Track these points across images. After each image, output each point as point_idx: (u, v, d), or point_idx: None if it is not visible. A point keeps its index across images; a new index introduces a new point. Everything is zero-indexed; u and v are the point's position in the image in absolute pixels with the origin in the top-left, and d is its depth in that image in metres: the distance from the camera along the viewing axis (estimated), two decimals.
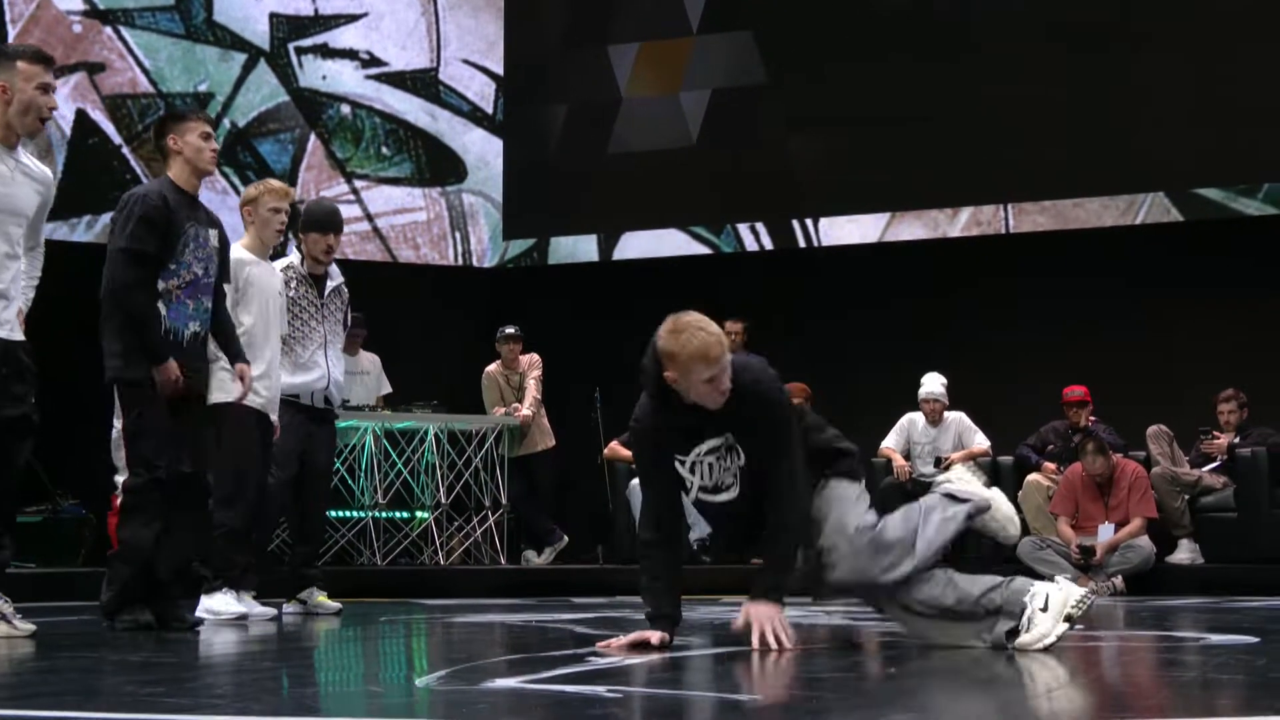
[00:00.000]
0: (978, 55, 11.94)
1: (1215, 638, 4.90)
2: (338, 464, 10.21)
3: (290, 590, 7.27)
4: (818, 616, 6.21)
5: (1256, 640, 4.86)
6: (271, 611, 6.73)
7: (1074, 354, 11.13)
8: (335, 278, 7.48)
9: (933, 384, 10.45)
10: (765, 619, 4.48)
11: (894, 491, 10.19)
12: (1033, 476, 10.08)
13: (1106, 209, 11.63)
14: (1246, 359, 10.78)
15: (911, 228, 12.13)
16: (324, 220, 7.29)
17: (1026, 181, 11.78)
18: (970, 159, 11.88)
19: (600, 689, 3.30)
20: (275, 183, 7.11)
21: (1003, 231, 11.87)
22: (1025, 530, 9.74)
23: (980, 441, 10.44)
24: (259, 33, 12.52)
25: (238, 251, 6.74)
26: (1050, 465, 10.14)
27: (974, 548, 9.46)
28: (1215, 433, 10.11)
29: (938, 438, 10.48)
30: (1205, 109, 11.34)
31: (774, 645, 4.41)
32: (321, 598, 7.20)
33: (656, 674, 3.77)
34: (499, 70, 13.23)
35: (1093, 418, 10.32)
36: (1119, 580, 9.20)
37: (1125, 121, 11.53)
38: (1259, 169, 11.29)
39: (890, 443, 10.59)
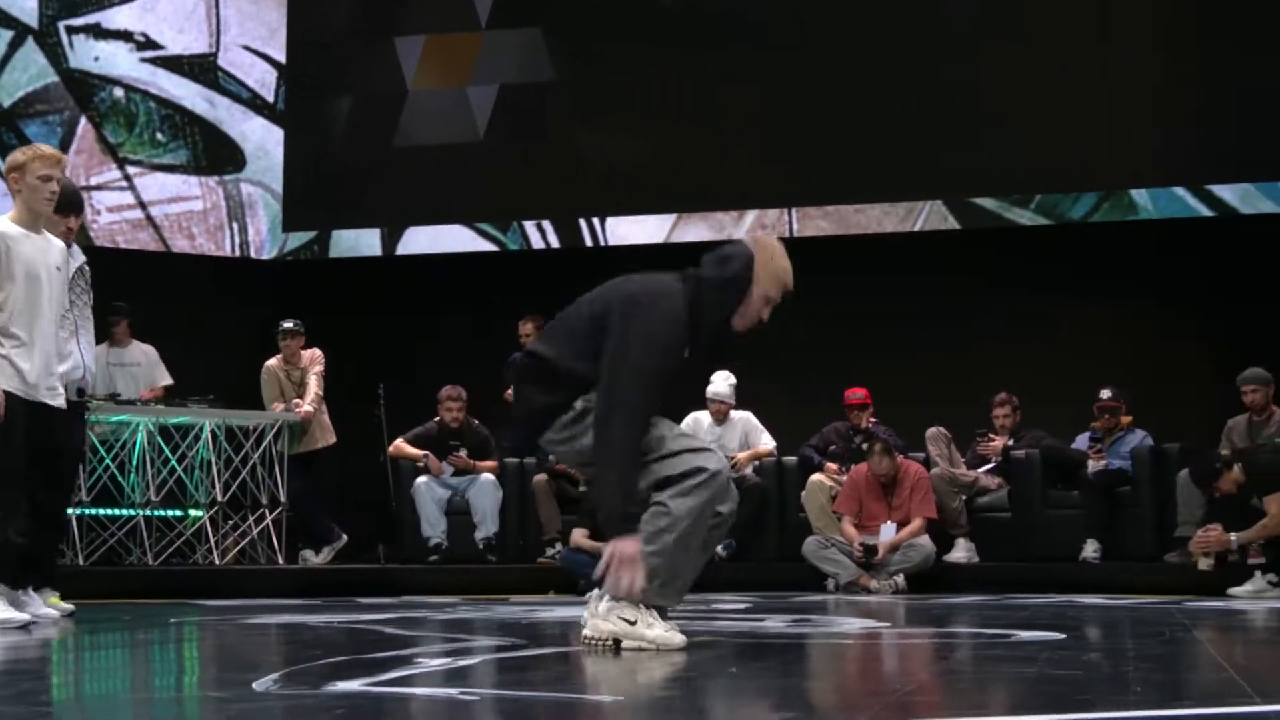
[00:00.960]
0: (765, 58, 12.08)
1: (1024, 634, 5.01)
2: (107, 460, 9.87)
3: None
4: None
5: (1063, 636, 4.98)
6: (54, 614, 6.41)
7: (856, 357, 11.35)
8: (77, 258, 7.13)
9: (720, 384, 10.50)
10: (618, 557, 4.42)
11: None
12: (816, 476, 10.22)
13: (887, 215, 11.90)
14: (1020, 364, 11.13)
15: (697, 229, 12.22)
16: (63, 202, 6.86)
17: (810, 186, 11.98)
18: (756, 163, 12.02)
19: (452, 691, 3.20)
20: (45, 148, 6.64)
21: (787, 235, 12.04)
22: (809, 530, 9.91)
23: (766, 442, 10.55)
24: (27, 9, 12.00)
25: (1, 224, 6.37)
26: (832, 466, 10.30)
27: None
28: (990, 435, 10.40)
29: (723, 436, 10.53)
30: (983, 121, 11.67)
31: (623, 587, 4.38)
32: (54, 599, 6.77)
33: (504, 675, 3.68)
34: (281, 58, 12.94)
35: (873, 419, 10.52)
36: (901, 579, 9.38)
37: (906, 130, 11.79)
38: (1032, 180, 11.68)
39: None
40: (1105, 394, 10.16)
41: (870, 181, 11.87)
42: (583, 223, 12.38)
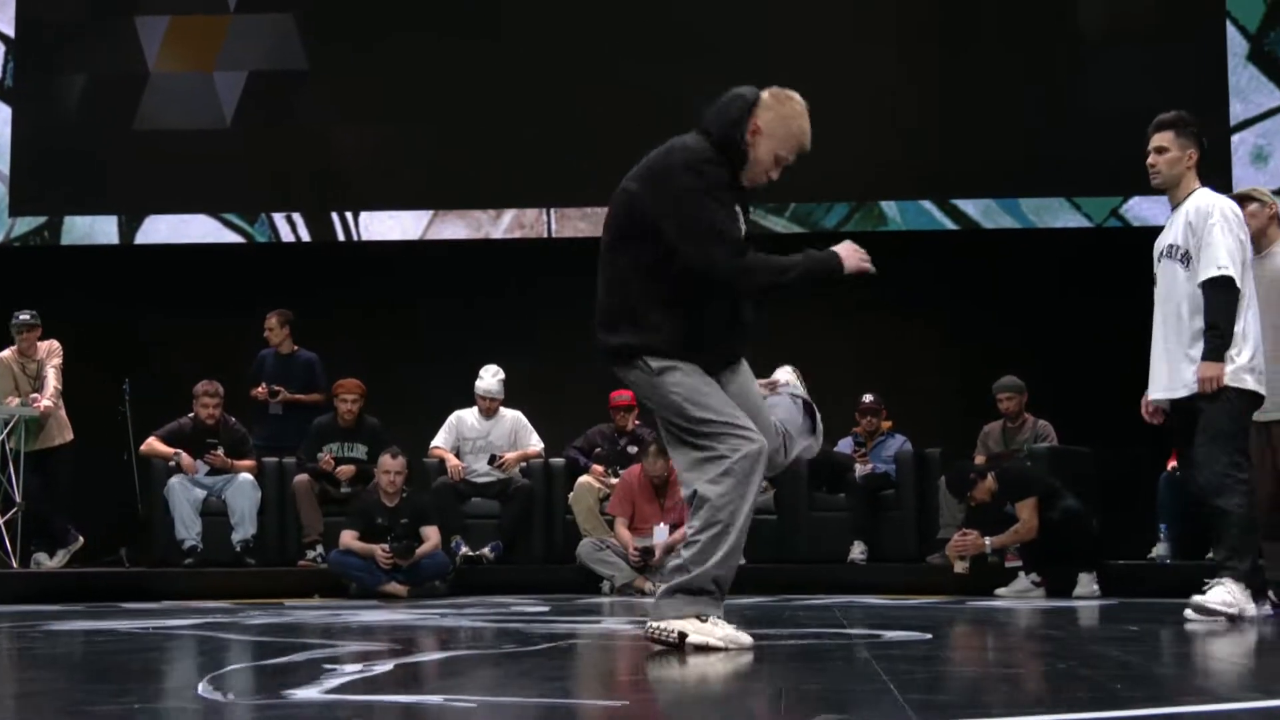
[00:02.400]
0: (524, 56, 11.94)
1: (890, 634, 5.05)
2: None
3: None
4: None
5: (929, 636, 5.04)
6: None
7: None
8: None
9: (489, 379, 10.34)
10: None
11: (447, 492, 10.06)
12: (584, 479, 10.17)
13: None
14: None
15: (454, 227, 12.02)
16: None
17: (569, 187, 11.89)
18: (514, 161, 11.88)
19: (436, 698, 3.01)
20: None
21: (545, 235, 11.96)
22: (576, 531, 9.87)
23: (535, 443, 10.44)
24: None
25: None
26: (599, 468, 10.26)
27: None
28: None
29: (491, 432, 10.37)
30: None
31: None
32: None
33: (471, 678, 3.49)
34: (9, 31, 12.16)
35: (637, 421, 10.52)
36: None
37: (665, 133, 11.78)
38: (786, 189, 11.81)
39: (440, 442, 10.41)
40: (868, 398, 10.42)
41: None
42: (335, 216, 12.02)
